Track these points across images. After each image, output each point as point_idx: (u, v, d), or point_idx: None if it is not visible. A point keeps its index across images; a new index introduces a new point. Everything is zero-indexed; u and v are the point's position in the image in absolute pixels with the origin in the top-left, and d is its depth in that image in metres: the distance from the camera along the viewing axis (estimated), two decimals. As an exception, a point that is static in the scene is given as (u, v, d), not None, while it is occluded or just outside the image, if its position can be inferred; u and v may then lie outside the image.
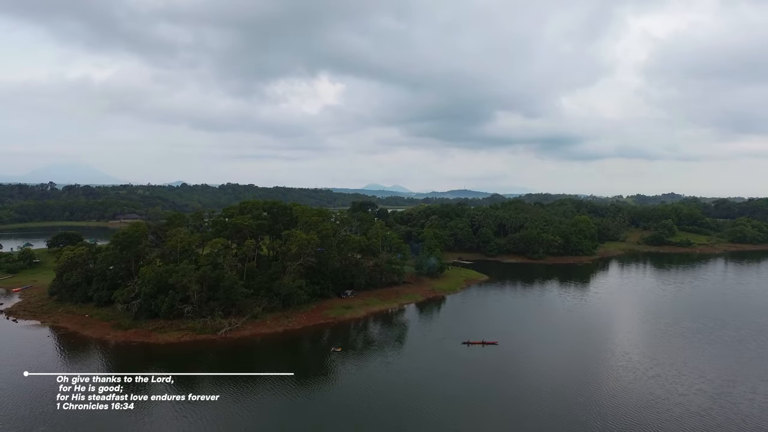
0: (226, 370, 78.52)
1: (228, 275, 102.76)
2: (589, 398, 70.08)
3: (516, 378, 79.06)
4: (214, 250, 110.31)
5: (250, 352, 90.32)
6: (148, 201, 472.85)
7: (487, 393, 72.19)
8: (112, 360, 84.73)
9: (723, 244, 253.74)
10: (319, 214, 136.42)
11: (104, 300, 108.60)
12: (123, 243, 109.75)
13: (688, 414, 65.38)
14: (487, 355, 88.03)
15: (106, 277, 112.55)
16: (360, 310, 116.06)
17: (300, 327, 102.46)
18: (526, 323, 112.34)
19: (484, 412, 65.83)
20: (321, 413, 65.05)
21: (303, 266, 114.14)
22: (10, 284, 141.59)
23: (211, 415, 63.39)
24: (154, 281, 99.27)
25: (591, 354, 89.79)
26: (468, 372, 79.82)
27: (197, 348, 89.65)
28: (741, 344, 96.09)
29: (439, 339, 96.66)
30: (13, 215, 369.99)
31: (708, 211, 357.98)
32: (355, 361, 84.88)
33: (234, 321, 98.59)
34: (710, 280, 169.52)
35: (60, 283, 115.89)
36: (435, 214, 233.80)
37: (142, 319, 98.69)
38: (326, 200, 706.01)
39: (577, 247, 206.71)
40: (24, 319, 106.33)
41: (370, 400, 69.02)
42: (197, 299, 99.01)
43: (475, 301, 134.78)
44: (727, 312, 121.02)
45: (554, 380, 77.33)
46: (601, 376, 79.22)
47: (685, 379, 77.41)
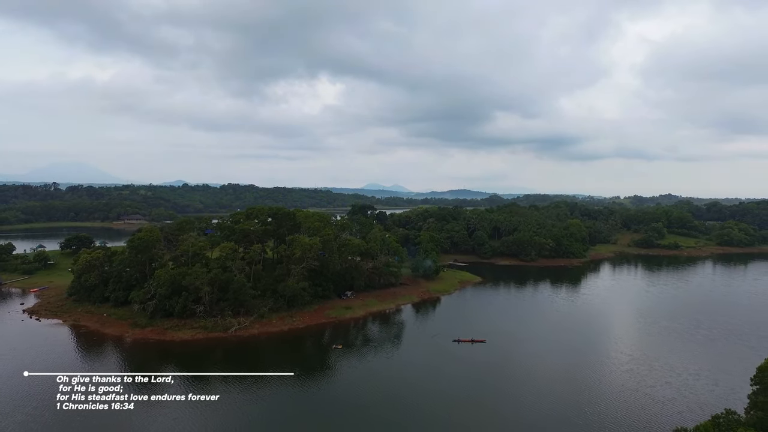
0: (237, 366, 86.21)
1: (237, 278, 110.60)
2: (567, 389, 78.06)
3: (500, 372, 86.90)
4: (223, 254, 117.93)
5: (258, 349, 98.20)
6: (150, 201, 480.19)
7: (474, 386, 79.96)
8: (132, 356, 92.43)
9: (710, 247, 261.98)
10: (321, 219, 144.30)
11: (121, 300, 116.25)
12: (138, 247, 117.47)
13: (652, 402, 73.36)
14: (475, 352, 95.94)
15: (121, 279, 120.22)
16: (359, 310, 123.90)
17: (304, 326, 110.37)
18: (514, 322, 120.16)
19: (471, 403, 73.45)
20: (321, 407, 70.14)
21: (306, 269, 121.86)
22: (27, 285, 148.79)
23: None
24: (169, 283, 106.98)
25: (573, 350, 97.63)
26: (457, 367, 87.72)
27: (209, 345, 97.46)
28: (711, 342, 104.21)
29: (432, 337, 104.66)
30: (19, 216, 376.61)
31: (700, 213, 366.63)
32: (354, 358, 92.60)
33: (243, 320, 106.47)
34: (693, 282, 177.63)
35: (78, 284, 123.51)
36: (432, 217, 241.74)
37: (158, 318, 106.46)
38: (326, 200, 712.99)
39: (568, 249, 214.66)
40: (46, 318, 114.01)
41: (367, 394, 76.62)
42: (208, 300, 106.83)
43: (467, 302, 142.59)
44: (703, 313, 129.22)
45: (536, 374, 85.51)
46: (580, 370, 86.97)
47: (655, 373, 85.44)
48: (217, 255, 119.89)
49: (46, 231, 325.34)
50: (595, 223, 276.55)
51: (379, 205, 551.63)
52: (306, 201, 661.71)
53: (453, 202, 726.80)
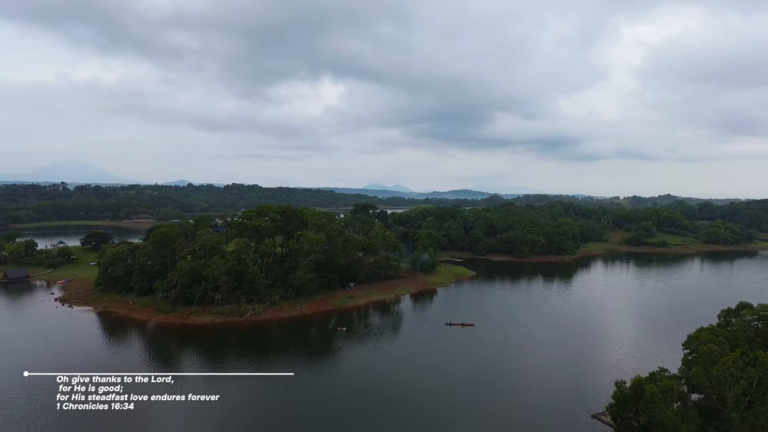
0: (253, 347, 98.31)
1: (251, 269, 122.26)
2: (537, 366, 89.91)
3: (485, 350, 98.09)
4: (238, 248, 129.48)
5: (271, 332, 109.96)
6: (157, 201, 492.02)
7: (461, 361, 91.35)
8: (160, 337, 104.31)
9: (697, 245, 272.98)
10: (327, 216, 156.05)
11: (144, 290, 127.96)
12: (161, 242, 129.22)
13: (618, 371, 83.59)
14: (464, 334, 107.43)
15: (144, 271, 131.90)
16: (361, 299, 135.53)
17: (311, 312, 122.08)
18: (502, 311, 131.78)
19: (456, 375, 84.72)
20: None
21: (313, 262, 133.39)
22: (53, 278, 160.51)
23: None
24: (189, 274, 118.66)
25: (549, 334, 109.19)
26: (447, 346, 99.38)
27: (227, 328, 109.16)
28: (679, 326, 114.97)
29: (425, 321, 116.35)
30: (32, 215, 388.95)
31: (693, 213, 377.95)
32: (356, 340, 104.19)
33: (256, 307, 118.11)
34: (674, 276, 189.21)
35: (105, 275, 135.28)
36: (431, 216, 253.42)
37: (180, 305, 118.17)
38: (329, 200, 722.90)
39: (560, 247, 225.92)
40: (77, 305, 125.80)
41: (368, 371, 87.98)
42: (225, 288, 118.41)
43: (461, 293, 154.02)
44: (675, 304, 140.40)
45: (515, 353, 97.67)
46: (553, 350, 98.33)
47: (624, 350, 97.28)
48: (232, 248, 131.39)
49: (57, 229, 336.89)
50: (588, 222, 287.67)
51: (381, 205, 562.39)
52: (309, 201, 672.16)
53: (454, 202, 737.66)
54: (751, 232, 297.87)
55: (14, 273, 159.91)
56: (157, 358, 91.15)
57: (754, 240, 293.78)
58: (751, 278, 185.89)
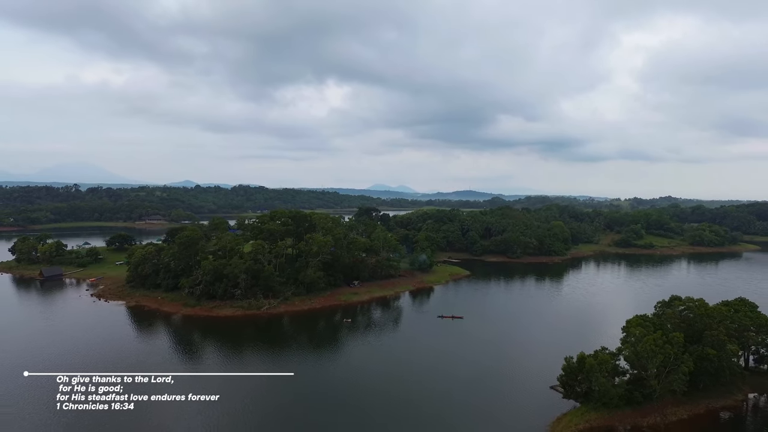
0: (269, 337, 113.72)
1: (266, 268, 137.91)
2: (515, 352, 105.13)
3: (470, 337, 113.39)
4: (254, 249, 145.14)
5: (285, 323, 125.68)
6: (166, 203, 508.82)
7: (448, 347, 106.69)
8: (189, 326, 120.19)
9: (682, 246, 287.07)
10: (333, 220, 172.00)
11: (171, 286, 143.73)
12: (186, 243, 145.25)
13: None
14: (453, 325, 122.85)
15: (170, 269, 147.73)
16: (365, 296, 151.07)
17: (320, 307, 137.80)
18: (491, 306, 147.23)
19: (443, 358, 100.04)
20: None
21: (321, 262, 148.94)
22: (83, 276, 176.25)
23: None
24: (213, 272, 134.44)
25: (529, 326, 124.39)
26: (437, 335, 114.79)
27: (246, 320, 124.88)
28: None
29: (422, 314, 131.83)
30: (48, 216, 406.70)
31: (684, 215, 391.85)
32: (360, 331, 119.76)
33: (271, 301, 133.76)
34: (653, 275, 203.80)
35: (135, 273, 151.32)
36: (431, 219, 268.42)
37: (204, 300, 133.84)
38: (333, 202, 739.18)
39: (551, 248, 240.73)
40: (112, 300, 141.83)
41: (369, 357, 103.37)
42: (244, 285, 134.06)
43: (456, 290, 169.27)
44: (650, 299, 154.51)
45: (497, 342, 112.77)
46: (531, 339, 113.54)
47: (576, 339, 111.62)
48: (249, 249, 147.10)
49: (73, 230, 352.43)
50: (580, 224, 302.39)
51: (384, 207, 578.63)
52: (314, 202, 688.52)
53: (456, 203, 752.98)
54: (736, 235, 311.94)
55: (49, 271, 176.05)
56: (186, 346, 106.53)
57: (738, 242, 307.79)
58: (725, 277, 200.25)
